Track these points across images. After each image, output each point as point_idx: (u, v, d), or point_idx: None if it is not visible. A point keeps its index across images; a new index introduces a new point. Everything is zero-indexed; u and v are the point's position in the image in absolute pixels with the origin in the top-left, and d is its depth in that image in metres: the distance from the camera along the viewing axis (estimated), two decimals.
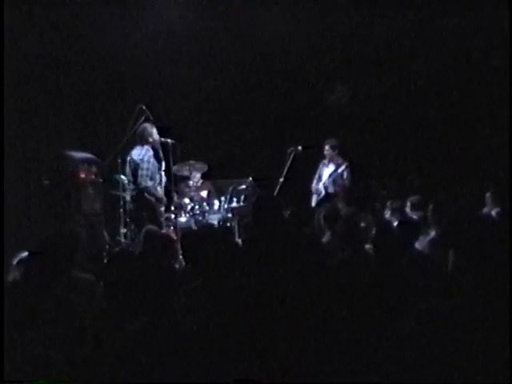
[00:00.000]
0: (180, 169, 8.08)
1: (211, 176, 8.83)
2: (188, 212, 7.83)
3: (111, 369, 2.71)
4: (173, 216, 7.60)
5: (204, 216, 7.87)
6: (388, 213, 6.50)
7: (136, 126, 7.26)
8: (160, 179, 7.30)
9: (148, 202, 7.16)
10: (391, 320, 3.03)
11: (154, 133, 7.27)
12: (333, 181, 8.41)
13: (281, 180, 8.27)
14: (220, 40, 9.18)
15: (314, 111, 9.71)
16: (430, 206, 5.73)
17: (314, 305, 3.14)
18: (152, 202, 7.19)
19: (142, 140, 7.22)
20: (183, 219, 7.72)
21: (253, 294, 3.17)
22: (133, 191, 7.21)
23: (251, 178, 8.36)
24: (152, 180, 7.15)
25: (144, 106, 7.31)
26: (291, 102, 9.61)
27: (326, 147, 8.53)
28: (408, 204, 6.32)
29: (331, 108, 9.89)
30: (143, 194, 7.15)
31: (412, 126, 9.40)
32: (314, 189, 8.62)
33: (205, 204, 8.03)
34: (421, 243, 5.03)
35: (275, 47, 9.27)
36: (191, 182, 8.43)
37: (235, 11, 9.01)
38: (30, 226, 6.95)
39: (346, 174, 8.42)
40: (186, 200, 8.00)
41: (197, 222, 7.75)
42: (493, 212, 5.98)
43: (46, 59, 8.22)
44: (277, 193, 8.07)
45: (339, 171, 8.39)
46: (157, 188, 7.25)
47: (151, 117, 7.31)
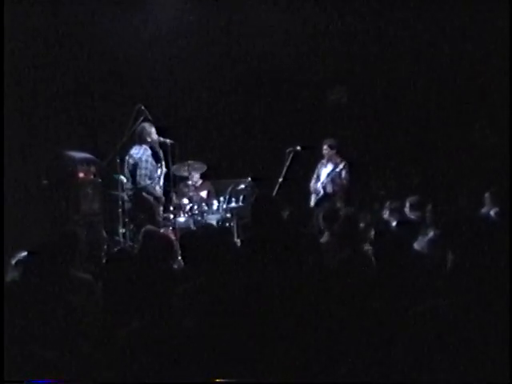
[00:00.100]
0: (179, 169, 8.07)
1: (210, 176, 8.83)
2: (187, 212, 7.83)
3: (110, 369, 2.71)
4: (172, 216, 7.59)
5: (203, 216, 7.86)
6: (386, 213, 6.50)
7: (135, 126, 7.26)
8: (158, 179, 7.31)
9: (147, 202, 7.17)
10: (390, 320, 3.03)
11: (153, 132, 7.28)
12: (331, 180, 8.40)
13: (280, 180, 8.27)
14: (219, 40, 9.18)
15: (313, 111, 9.71)
16: (429, 206, 5.73)
17: (313, 305, 3.14)
18: (150, 202, 7.19)
19: (141, 139, 7.23)
20: (182, 219, 7.72)
21: (252, 294, 3.17)
22: (131, 191, 7.22)
23: (250, 178, 8.35)
24: (151, 179, 7.16)
25: (143, 106, 7.31)
26: (290, 102, 9.60)
27: (325, 147, 8.54)
28: (407, 204, 6.33)
29: (330, 108, 9.90)
30: (142, 194, 7.16)
31: (411, 126, 9.40)
32: (313, 189, 8.62)
33: (204, 204, 8.03)
34: (419, 243, 5.03)
35: (274, 47, 9.27)
36: (190, 182, 8.42)
37: (234, 11, 9.02)
38: (29, 226, 6.94)
39: (345, 174, 8.42)
40: (185, 200, 7.99)
41: (196, 222, 7.74)
42: (492, 212, 5.97)
43: (45, 59, 8.21)
44: (276, 193, 8.06)
45: (337, 170, 8.39)
46: (155, 187, 7.26)
47: (150, 117, 7.31)
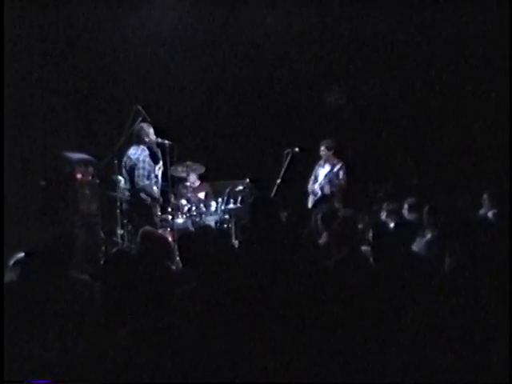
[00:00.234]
0: (177, 170, 8.07)
1: (208, 177, 8.84)
2: (185, 213, 7.83)
3: (108, 369, 2.70)
4: (170, 217, 7.59)
5: (201, 217, 7.87)
6: (384, 214, 6.50)
7: (133, 127, 7.26)
8: (156, 179, 7.30)
9: (144, 203, 7.16)
10: (389, 321, 3.03)
11: (151, 133, 7.28)
12: (328, 181, 8.41)
13: (278, 181, 8.27)
14: (218, 41, 9.19)
15: (312, 112, 9.72)
16: (427, 208, 5.73)
17: (311, 306, 3.14)
18: (148, 203, 7.18)
19: (139, 140, 7.23)
20: (180, 220, 7.72)
21: (250, 296, 3.17)
22: (129, 192, 7.21)
23: (248, 180, 8.36)
24: (148, 180, 7.16)
25: (141, 107, 7.30)
26: (288, 104, 9.61)
27: (322, 148, 8.54)
28: (405, 206, 6.33)
29: (328, 109, 9.90)
30: (140, 195, 7.15)
31: (409, 128, 9.41)
32: (311, 190, 8.62)
33: (202, 205, 8.03)
34: (418, 245, 5.03)
35: (273, 49, 9.28)
36: (188, 184, 8.43)
37: (233, 12, 9.02)
38: (27, 227, 6.93)
39: (342, 174, 8.42)
40: (183, 201, 7.99)
41: (194, 224, 7.74)
42: (490, 213, 5.98)
43: (44, 60, 8.21)
44: (274, 194, 8.07)
45: (334, 171, 8.39)
46: (153, 188, 7.25)
47: (148, 118, 7.31)
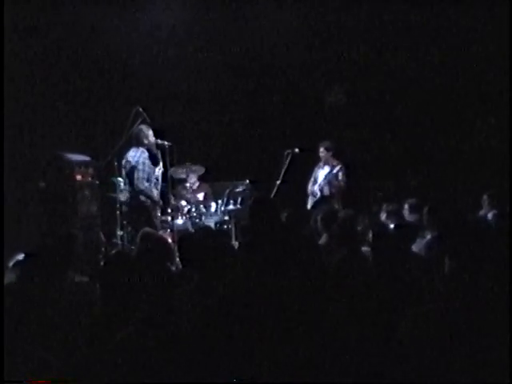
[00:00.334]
0: (177, 171, 8.08)
1: (208, 178, 8.83)
2: (185, 214, 7.83)
3: (108, 370, 2.70)
4: (170, 218, 7.59)
5: (201, 218, 7.87)
6: (384, 215, 6.50)
7: (133, 128, 7.26)
8: (156, 181, 7.30)
9: (144, 205, 7.16)
10: (388, 322, 3.03)
11: (150, 135, 7.27)
12: (328, 182, 8.41)
13: (278, 182, 8.27)
14: (217, 42, 9.19)
15: (311, 113, 9.72)
16: (426, 209, 5.73)
17: (312, 307, 3.14)
18: (148, 205, 7.18)
19: (138, 142, 7.23)
20: (180, 221, 7.72)
21: (250, 297, 3.16)
22: (129, 193, 7.21)
23: (248, 181, 8.36)
24: (148, 182, 7.16)
25: (141, 109, 7.30)
26: (288, 104, 9.61)
27: (321, 149, 8.54)
28: (406, 206, 6.33)
29: (328, 110, 9.90)
30: (139, 197, 7.15)
31: (409, 129, 9.41)
32: (310, 191, 8.62)
33: (202, 206, 8.03)
34: (417, 246, 5.03)
35: (272, 49, 9.28)
36: (188, 185, 8.43)
37: (232, 13, 9.02)
38: (26, 228, 6.93)
39: (341, 175, 8.42)
40: (183, 202, 7.99)
41: (194, 225, 7.74)
42: (489, 214, 5.98)
43: (44, 61, 8.21)
44: (274, 195, 8.07)
45: (334, 172, 8.39)
46: (153, 190, 7.25)
47: (148, 119, 7.31)
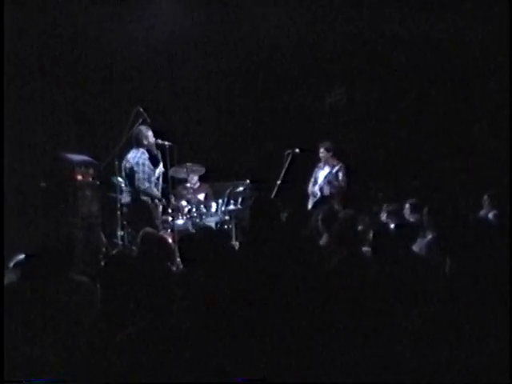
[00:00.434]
0: (177, 171, 8.07)
1: (208, 178, 8.83)
2: (185, 214, 7.83)
3: (109, 370, 2.70)
4: (170, 218, 7.58)
5: (201, 218, 7.87)
6: (384, 215, 6.50)
7: (133, 129, 7.26)
8: (157, 181, 7.30)
9: (145, 205, 7.16)
10: (389, 322, 3.03)
11: (150, 135, 7.27)
12: (328, 182, 8.41)
13: (278, 182, 8.27)
14: (217, 42, 9.19)
15: (312, 114, 9.72)
16: (427, 209, 5.73)
17: (312, 307, 3.14)
18: (149, 205, 7.18)
19: (138, 143, 7.23)
20: (180, 222, 7.71)
21: (250, 297, 3.17)
22: (130, 194, 7.21)
23: (248, 181, 8.36)
24: (149, 182, 7.16)
25: (141, 109, 7.30)
26: (289, 105, 9.61)
27: (321, 149, 8.55)
28: (406, 206, 6.33)
29: (329, 110, 9.90)
30: (140, 197, 7.15)
31: (409, 129, 9.41)
32: (311, 192, 8.62)
33: (202, 206, 8.03)
34: (418, 246, 5.03)
35: (273, 49, 9.28)
36: (188, 185, 8.43)
37: (232, 13, 9.02)
38: (27, 229, 6.93)
39: (341, 175, 8.42)
40: (184, 202, 7.99)
41: (194, 225, 7.74)
42: (490, 214, 5.98)
43: (44, 61, 8.21)
44: (274, 195, 8.07)
45: (334, 172, 8.39)
46: (153, 189, 7.25)
47: (148, 119, 7.30)
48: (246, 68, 9.34)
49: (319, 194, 8.48)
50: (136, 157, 7.16)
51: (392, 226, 5.01)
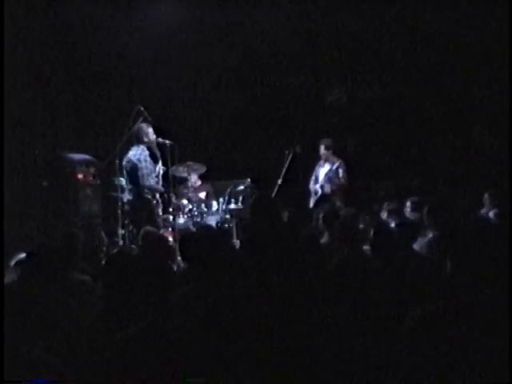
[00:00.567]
0: (178, 170, 8.07)
1: (209, 177, 8.83)
2: (186, 213, 7.83)
3: (109, 370, 2.70)
4: (171, 217, 7.59)
5: (202, 217, 7.87)
6: (385, 214, 6.50)
7: (133, 127, 7.26)
8: (157, 179, 7.30)
9: (147, 202, 7.16)
10: (389, 320, 3.03)
11: (150, 132, 7.27)
12: (328, 180, 8.40)
13: (279, 181, 8.27)
14: (218, 41, 9.19)
15: (312, 112, 9.72)
16: (427, 207, 5.73)
17: (313, 306, 3.14)
18: (150, 203, 7.18)
19: (138, 140, 7.22)
20: (181, 220, 7.72)
21: (251, 296, 3.17)
22: (131, 192, 7.20)
23: (249, 179, 8.36)
24: (153, 178, 7.16)
25: (142, 107, 7.30)
26: (290, 103, 9.61)
27: (321, 147, 8.54)
28: (407, 205, 6.33)
29: (329, 109, 9.90)
30: (141, 195, 7.14)
31: (410, 127, 9.41)
32: (312, 190, 8.62)
33: (203, 205, 8.03)
34: (419, 244, 5.03)
35: (274, 48, 9.28)
36: (189, 183, 8.43)
37: (233, 12, 9.02)
38: (28, 228, 6.94)
39: (342, 172, 8.41)
40: (184, 201, 7.99)
41: (195, 224, 7.74)
42: (491, 213, 5.98)
43: (44, 61, 8.22)
44: (275, 194, 8.07)
45: (334, 169, 8.39)
46: (157, 185, 7.26)
47: (149, 118, 7.31)
48: (248, 67, 9.34)
49: (320, 192, 8.47)
50: (137, 154, 7.15)
51: (393, 225, 5.00)
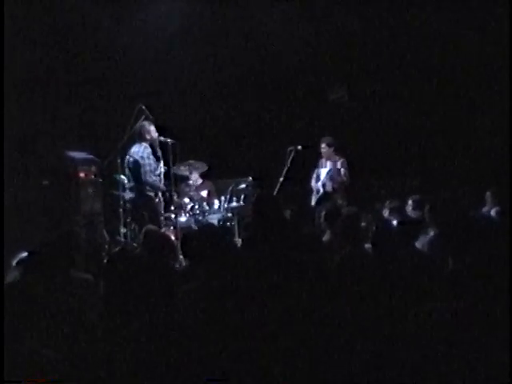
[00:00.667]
0: (180, 168, 8.07)
1: (211, 175, 8.83)
2: (188, 212, 7.83)
3: (111, 369, 2.70)
4: (173, 216, 7.59)
5: (204, 216, 7.87)
6: (386, 212, 6.49)
7: (135, 125, 7.26)
8: (159, 178, 7.30)
9: (148, 201, 7.16)
10: (391, 319, 3.03)
11: (152, 130, 7.27)
12: (330, 178, 8.39)
13: (281, 179, 8.26)
14: (219, 39, 9.19)
15: (314, 110, 9.71)
16: (429, 206, 5.72)
17: (315, 303, 3.14)
18: (152, 201, 7.18)
19: (140, 137, 7.23)
20: (183, 219, 7.72)
21: (253, 294, 3.17)
22: (133, 190, 7.20)
23: (251, 178, 8.36)
24: (155, 176, 7.16)
25: (143, 106, 7.31)
26: (291, 102, 9.60)
27: (323, 145, 8.51)
28: (409, 203, 6.32)
29: (331, 107, 9.89)
30: (143, 193, 7.15)
31: (412, 126, 9.40)
32: (313, 188, 8.61)
33: (205, 204, 8.03)
34: (421, 242, 5.02)
35: (275, 47, 9.27)
36: (191, 182, 8.44)
37: (234, 10, 9.01)
38: (30, 226, 6.94)
39: (344, 170, 8.39)
40: (186, 200, 7.99)
41: (197, 222, 7.74)
42: (493, 211, 5.97)
43: (45, 60, 8.22)
44: (277, 192, 8.06)
45: (335, 167, 8.38)
46: (160, 183, 7.26)
47: (151, 116, 7.31)
48: (249, 65, 9.33)
49: (322, 190, 8.46)
50: (140, 151, 7.15)
51: (394, 223, 5.00)
